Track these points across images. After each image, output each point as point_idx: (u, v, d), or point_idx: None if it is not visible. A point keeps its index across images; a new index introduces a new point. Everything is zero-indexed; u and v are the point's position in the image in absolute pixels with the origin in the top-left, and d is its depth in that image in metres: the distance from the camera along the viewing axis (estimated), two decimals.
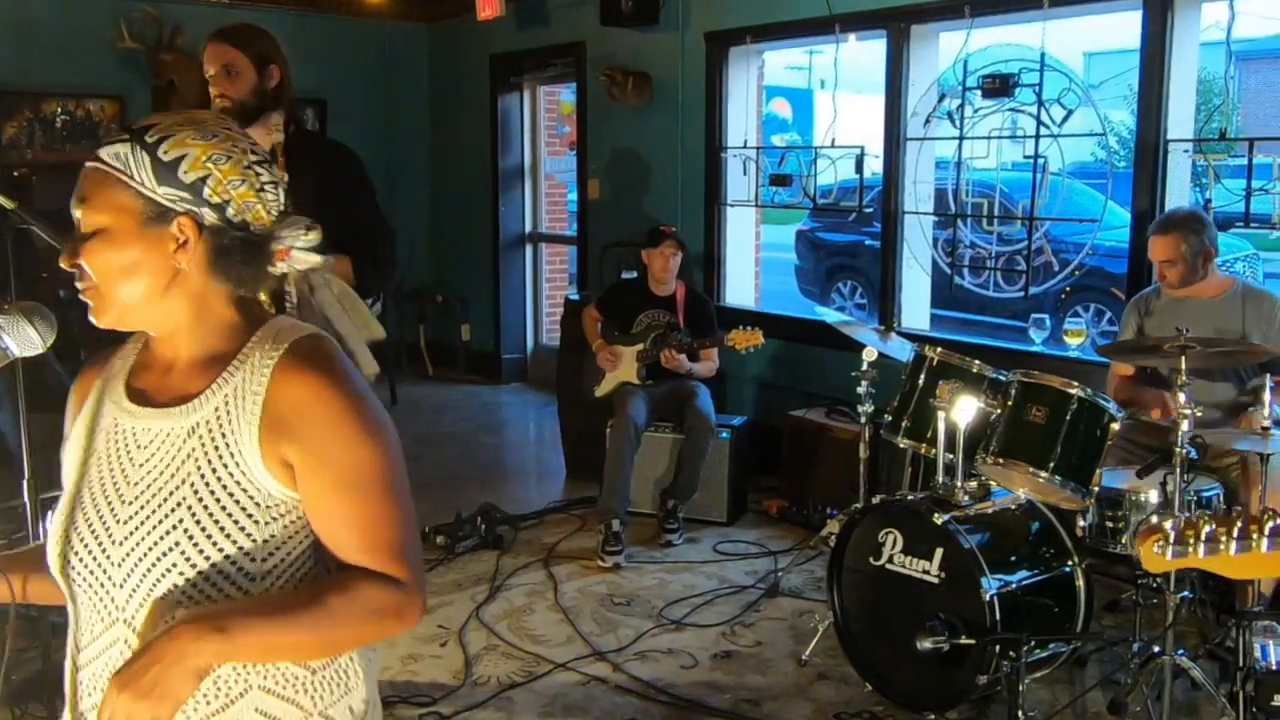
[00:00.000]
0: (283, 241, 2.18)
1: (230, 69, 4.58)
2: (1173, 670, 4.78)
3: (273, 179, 2.18)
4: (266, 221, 2.16)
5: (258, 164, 2.15)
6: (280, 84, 4.69)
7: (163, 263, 2.09)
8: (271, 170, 2.19)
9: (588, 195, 10.83)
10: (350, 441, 2.07)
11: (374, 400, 2.13)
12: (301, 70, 11.90)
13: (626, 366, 7.69)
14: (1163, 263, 5.74)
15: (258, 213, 2.14)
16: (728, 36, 9.08)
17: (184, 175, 2.07)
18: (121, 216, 2.06)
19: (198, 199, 2.08)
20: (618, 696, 5.44)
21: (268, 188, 2.16)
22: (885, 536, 5.26)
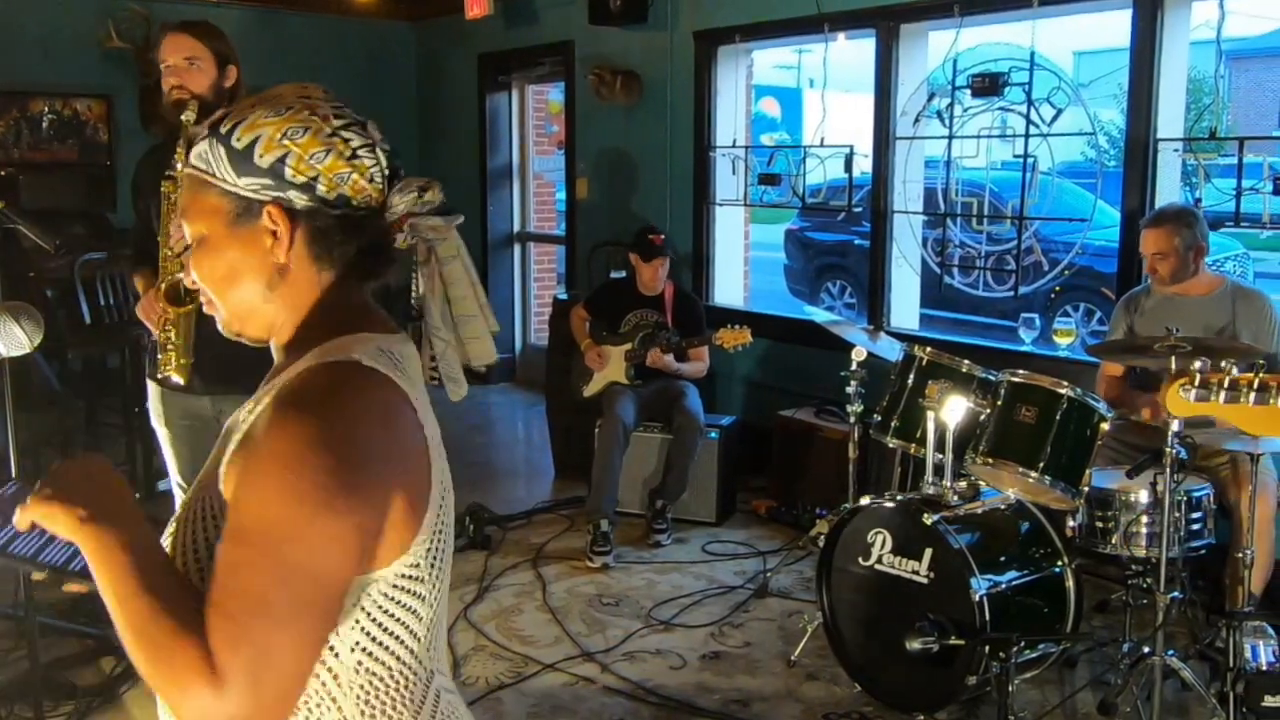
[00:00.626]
0: (395, 210, 1.96)
1: (193, 61, 4.58)
2: (1163, 671, 4.78)
3: (367, 141, 1.93)
4: (370, 191, 1.93)
5: (344, 128, 1.92)
6: (235, 85, 4.70)
7: (263, 260, 1.91)
8: (367, 132, 1.95)
9: (576, 194, 10.80)
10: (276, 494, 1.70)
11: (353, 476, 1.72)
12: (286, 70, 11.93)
13: (615, 366, 7.67)
14: (1154, 255, 5.73)
15: (355, 184, 1.91)
16: (716, 35, 9.07)
17: (260, 160, 1.86)
18: (214, 219, 1.90)
19: (280, 182, 1.87)
20: (606, 697, 5.43)
21: (361, 153, 1.92)
22: (874, 537, 5.25)
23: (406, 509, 1.81)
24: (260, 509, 1.69)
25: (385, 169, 1.95)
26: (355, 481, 1.73)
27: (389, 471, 1.79)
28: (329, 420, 1.75)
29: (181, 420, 4.78)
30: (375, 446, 1.77)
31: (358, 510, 1.73)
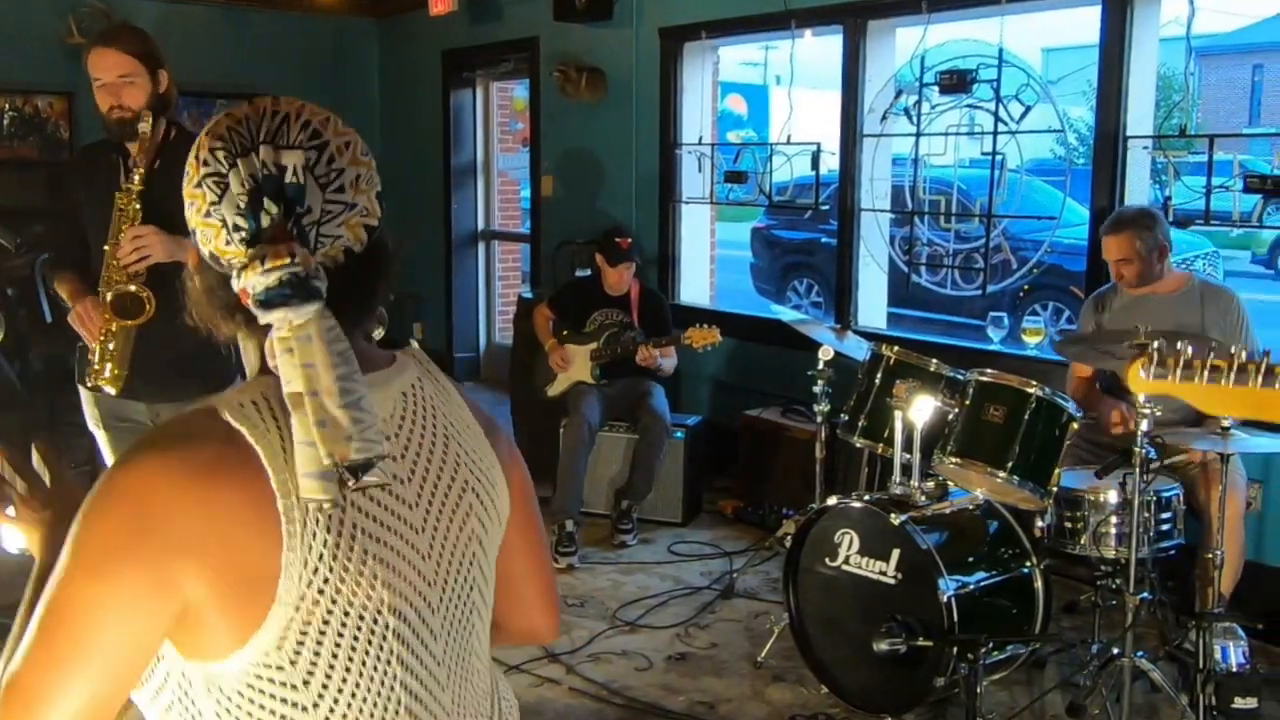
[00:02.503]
0: (236, 283, 1.64)
1: (127, 78, 4.53)
2: (1132, 672, 4.77)
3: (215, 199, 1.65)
4: (232, 254, 1.66)
5: (206, 178, 1.66)
6: (169, 87, 4.66)
7: None
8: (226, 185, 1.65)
9: (541, 192, 10.75)
10: (72, 536, 1.60)
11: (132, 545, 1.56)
12: (249, 67, 11.85)
13: (580, 366, 7.63)
14: (1118, 262, 5.72)
15: (216, 246, 1.67)
16: (682, 32, 9.02)
17: None
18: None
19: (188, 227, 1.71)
20: (571, 699, 5.40)
21: (213, 212, 1.66)
22: (841, 537, 5.23)
23: (223, 596, 1.60)
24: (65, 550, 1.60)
25: (236, 231, 1.64)
26: (124, 550, 1.57)
27: (182, 557, 1.58)
28: (131, 475, 1.62)
29: (120, 423, 4.77)
30: (169, 520, 1.58)
31: (120, 586, 1.56)
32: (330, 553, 1.64)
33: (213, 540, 1.58)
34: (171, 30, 10.07)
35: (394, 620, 1.72)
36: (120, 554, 1.56)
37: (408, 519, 1.76)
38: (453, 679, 1.84)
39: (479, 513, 1.88)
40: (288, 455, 1.61)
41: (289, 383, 1.60)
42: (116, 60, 4.51)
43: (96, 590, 1.55)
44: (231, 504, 1.60)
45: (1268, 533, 5.90)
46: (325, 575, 1.64)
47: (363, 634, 1.68)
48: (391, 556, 1.72)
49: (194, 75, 10.35)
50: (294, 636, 1.63)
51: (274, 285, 1.58)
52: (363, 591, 1.68)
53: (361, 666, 1.69)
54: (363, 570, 1.68)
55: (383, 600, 1.70)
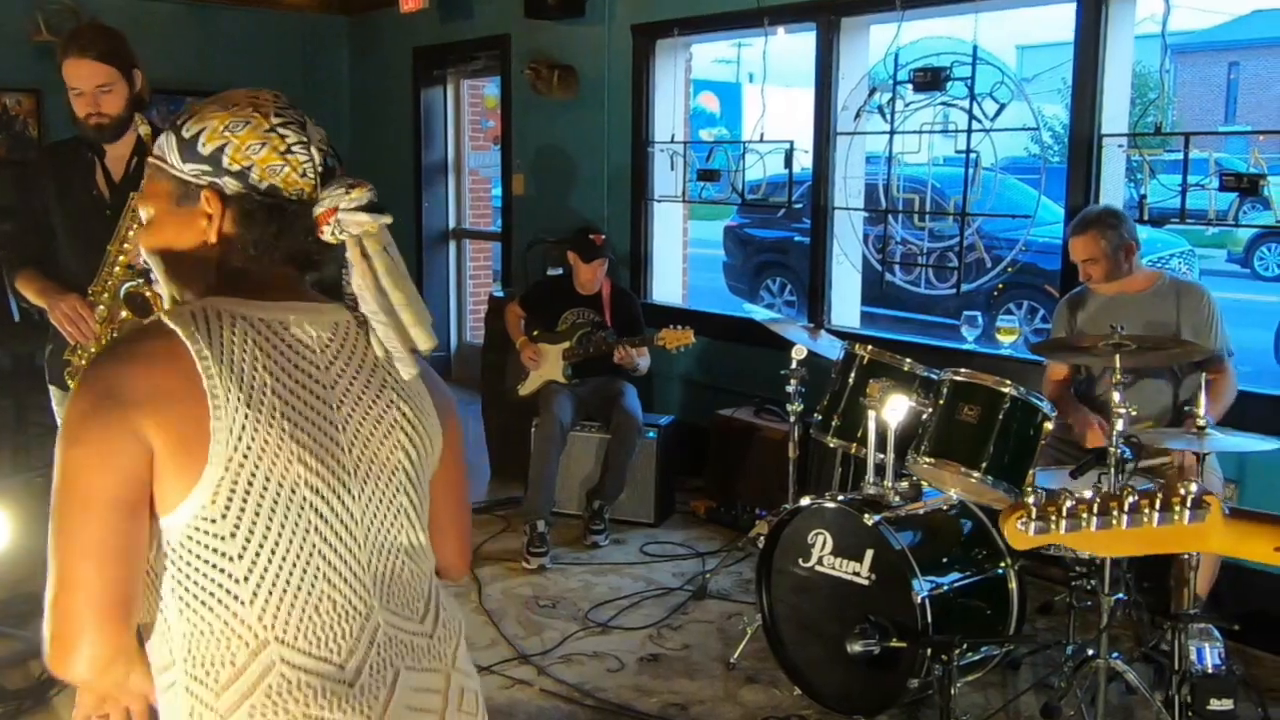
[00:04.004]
0: (323, 204, 2.11)
1: (104, 88, 4.52)
2: (1107, 673, 4.74)
3: (302, 139, 2.11)
4: (302, 185, 2.11)
5: (283, 125, 2.11)
6: (144, 86, 4.66)
7: (198, 241, 2.11)
8: (305, 131, 2.13)
9: (512, 190, 10.72)
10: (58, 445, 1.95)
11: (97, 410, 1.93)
12: (219, 64, 11.77)
13: (552, 365, 7.58)
14: (1085, 262, 5.72)
15: (287, 176, 2.09)
16: (654, 29, 8.99)
17: (203, 148, 2.07)
18: (161, 201, 2.13)
19: (217, 169, 2.07)
20: (543, 701, 5.38)
21: (296, 149, 2.10)
22: (815, 538, 5.21)
23: (171, 451, 1.93)
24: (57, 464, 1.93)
25: (319, 166, 2.12)
26: (96, 414, 1.91)
27: (134, 406, 1.92)
28: (96, 364, 1.99)
29: None
30: (121, 384, 1.93)
31: (100, 439, 1.91)
32: (252, 425, 1.98)
33: (160, 402, 1.93)
34: (141, 28, 9.95)
35: (310, 494, 2.04)
36: (93, 418, 1.91)
37: (328, 416, 2.10)
38: (375, 566, 2.15)
39: (407, 431, 2.22)
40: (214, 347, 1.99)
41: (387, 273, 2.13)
42: (93, 70, 4.50)
43: (81, 452, 1.91)
44: (171, 377, 1.95)
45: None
46: (249, 444, 1.97)
47: (281, 499, 2.01)
48: (308, 441, 2.05)
49: (164, 73, 10.24)
50: (224, 493, 1.96)
51: (371, 198, 2.13)
52: (281, 462, 2.00)
53: (280, 528, 2.01)
54: (281, 444, 2.01)
55: (299, 475, 2.03)
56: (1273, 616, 5.63)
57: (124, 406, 1.91)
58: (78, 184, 4.61)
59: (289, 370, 2.06)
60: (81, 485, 1.90)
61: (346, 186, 2.11)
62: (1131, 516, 1.84)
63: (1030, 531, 1.84)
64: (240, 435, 1.96)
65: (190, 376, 1.95)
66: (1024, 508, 1.84)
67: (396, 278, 2.13)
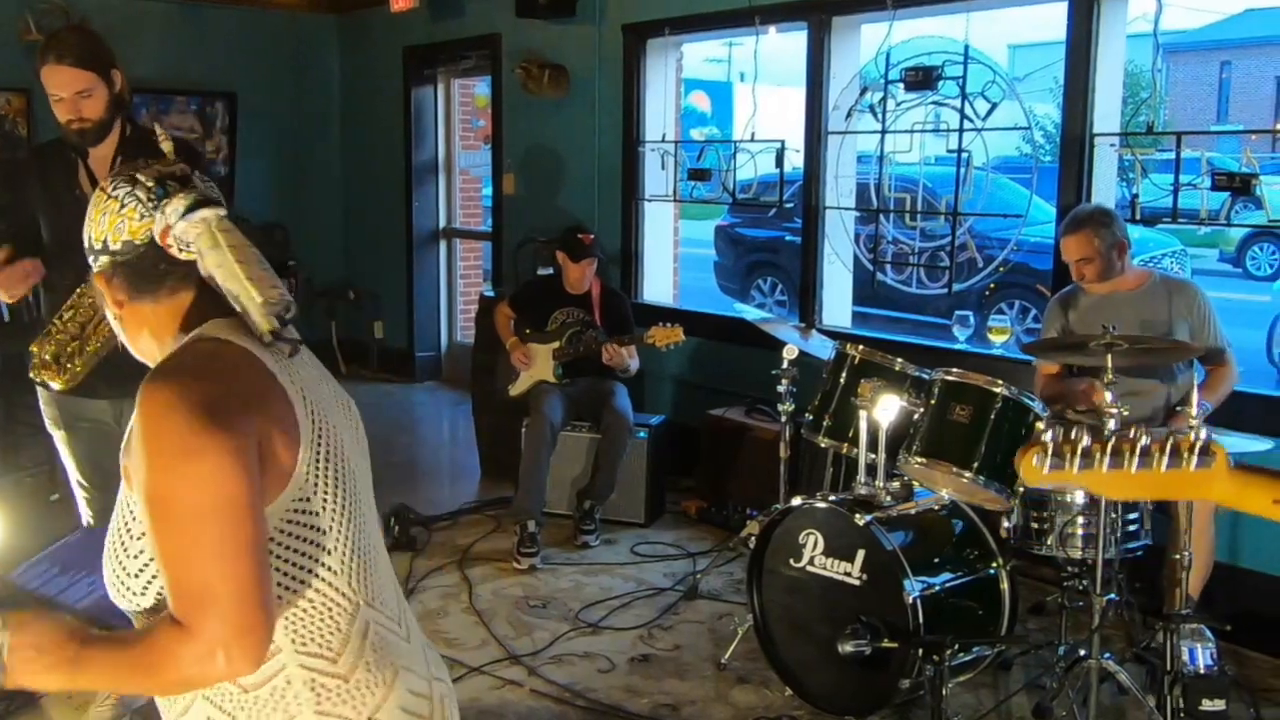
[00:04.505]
0: (156, 229, 2.13)
1: (85, 93, 4.50)
2: (1099, 674, 4.75)
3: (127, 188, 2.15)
4: (144, 226, 2.14)
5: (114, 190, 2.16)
6: (124, 85, 4.65)
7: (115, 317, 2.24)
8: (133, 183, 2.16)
9: (503, 190, 10.71)
10: (154, 463, 1.95)
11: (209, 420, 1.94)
12: (210, 63, 11.76)
13: (542, 365, 7.56)
14: (1079, 261, 5.69)
15: (130, 228, 2.13)
16: (645, 28, 8.98)
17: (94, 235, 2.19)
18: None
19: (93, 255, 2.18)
20: (533, 701, 5.36)
21: (126, 201, 2.14)
22: (806, 538, 5.19)
23: (279, 440, 2.04)
24: (152, 480, 1.93)
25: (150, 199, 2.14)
26: (211, 421, 1.93)
27: (242, 407, 2.00)
28: (180, 381, 1.99)
29: (80, 423, 4.74)
30: (224, 391, 1.99)
31: (222, 442, 1.93)
32: (310, 409, 2.12)
33: (261, 401, 2.04)
34: (130, 27, 9.99)
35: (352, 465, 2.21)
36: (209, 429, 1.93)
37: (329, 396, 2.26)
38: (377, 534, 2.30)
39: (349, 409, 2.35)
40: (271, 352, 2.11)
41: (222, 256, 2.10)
42: (72, 76, 4.48)
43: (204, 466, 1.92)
44: (257, 378, 2.07)
45: (1237, 534, 5.88)
46: (319, 426, 2.13)
47: (344, 471, 2.16)
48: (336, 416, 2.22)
49: (153, 72, 10.28)
50: (312, 474, 2.09)
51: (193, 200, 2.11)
52: (335, 437, 2.17)
53: (346, 498, 2.16)
54: (328, 421, 2.16)
55: (343, 445, 2.19)
56: (1265, 617, 5.63)
57: (237, 410, 1.98)
58: (61, 185, 4.60)
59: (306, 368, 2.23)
60: (216, 495, 1.92)
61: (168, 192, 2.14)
62: (1142, 459, 1.87)
63: (1045, 469, 1.87)
64: (312, 418, 2.11)
65: (266, 375, 2.08)
66: (1041, 444, 1.86)
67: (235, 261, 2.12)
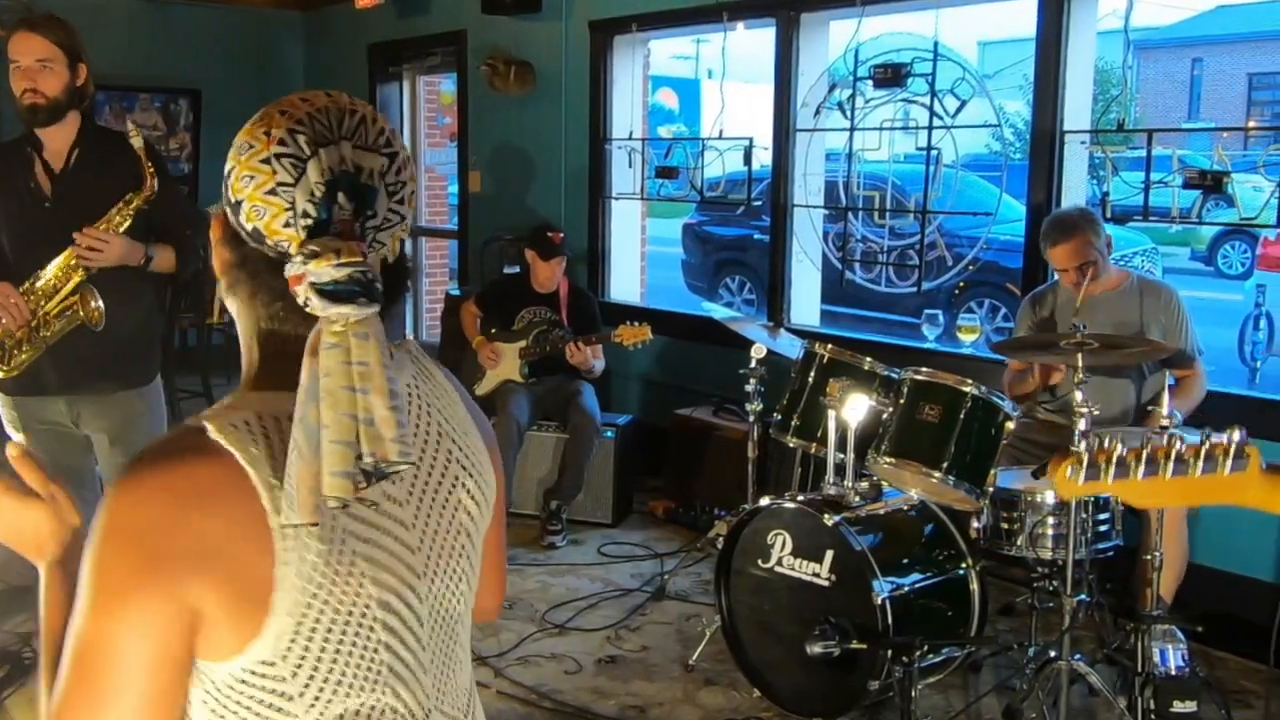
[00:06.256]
0: (292, 268, 1.60)
1: (45, 63, 4.54)
2: (1069, 675, 4.73)
3: (289, 180, 1.63)
4: (284, 237, 1.64)
5: (279, 157, 1.64)
6: (86, 82, 4.68)
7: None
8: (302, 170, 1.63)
9: (469, 188, 10.69)
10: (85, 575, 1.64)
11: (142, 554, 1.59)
12: (174, 61, 11.66)
13: (509, 364, 7.53)
14: (1082, 266, 5.53)
15: (269, 223, 1.64)
16: (612, 25, 8.95)
17: (227, 162, 1.70)
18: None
19: (225, 193, 1.70)
20: (500, 703, 5.33)
21: (280, 190, 1.63)
22: (774, 538, 5.17)
23: (226, 609, 1.62)
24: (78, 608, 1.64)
25: (303, 216, 1.63)
26: (131, 578, 1.60)
27: (184, 571, 1.60)
28: (131, 501, 1.63)
29: (40, 426, 4.72)
30: (165, 539, 1.60)
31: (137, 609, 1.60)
32: (323, 561, 1.66)
33: (212, 557, 1.60)
34: (94, 23, 9.86)
35: (382, 613, 1.74)
36: (133, 584, 1.59)
37: (398, 516, 1.77)
38: (435, 664, 1.87)
39: (468, 506, 1.90)
40: (276, 473, 1.62)
41: (328, 376, 1.57)
42: (36, 44, 4.52)
43: (117, 625, 1.59)
44: (229, 521, 1.61)
45: (1208, 535, 5.86)
46: (319, 583, 1.66)
47: (350, 630, 1.70)
48: (381, 555, 1.74)
49: (117, 68, 10.20)
50: (286, 638, 1.65)
51: (344, 280, 1.58)
52: (352, 592, 1.70)
53: (348, 658, 1.71)
54: (352, 572, 1.69)
55: (371, 596, 1.72)
56: (1236, 618, 5.60)
57: (170, 565, 1.60)
58: (17, 177, 4.61)
59: None
60: (114, 668, 1.60)
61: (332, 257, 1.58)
62: (1178, 466, 1.83)
63: (1080, 480, 1.83)
64: (310, 577, 1.65)
65: (252, 515, 1.62)
66: (1075, 455, 1.83)
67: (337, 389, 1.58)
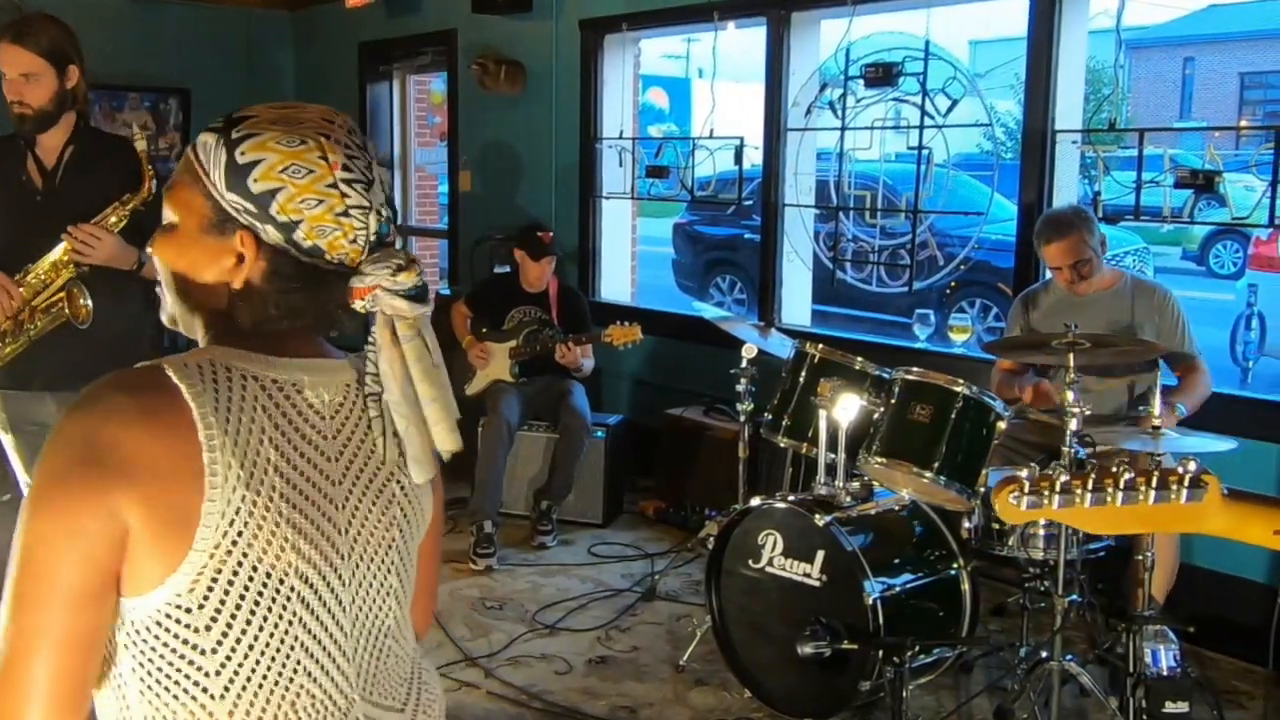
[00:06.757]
0: (365, 279, 1.88)
1: (29, 76, 4.52)
2: (1061, 676, 4.72)
3: (364, 203, 1.86)
4: (349, 251, 1.87)
5: (349, 182, 1.85)
6: (78, 83, 4.66)
7: (220, 276, 1.88)
8: (369, 192, 1.87)
9: (459, 187, 10.66)
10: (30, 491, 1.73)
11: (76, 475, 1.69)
12: (164, 60, 11.62)
13: (499, 364, 7.51)
14: (1076, 264, 5.56)
15: (335, 240, 1.85)
16: (603, 24, 8.93)
17: (254, 184, 1.82)
18: (190, 215, 1.89)
19: (263, 213, 1.82)
20: (490, 704, 5.32)
21: (354, 213, 1.85)
22: (765, 539, 5.16)
23: (151, 533, 1.72)
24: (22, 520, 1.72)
25: (371, 234, 1.89)
26: (68, 480, 1.70)
27: (119, 481, 1.70)
28: (81, 415, 1.74)
29: (28, 426, 4.69)
30: (107, 447, 1.70)
31: (69, 513, 1.69)
32: (247, 509, 1.76)
33: (147, 474, 1.70)
34: (82, 22, 9.75)
35: (299, 584, 1.83)
36: (69, 484, 1.69)
37: (328, 494, 1.89)
38: (360, 655, 1.94)
39: (403, 505, 2.03)
40: (220, 414, 1.76)
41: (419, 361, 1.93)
42: (20, 57, 4.50)
43: (46, 526, 1.69)
44: (166, 446, 1.72)
45: (1200, 535, 5.83)
46: (240, 529, 1.75)
47: (267, 591, 1.79)
48: (305, 524, 1.84)
49: (105, 68, 10.14)
50: (204, 582, 1.74)
51: (421, 286, 1.90)
52: (273, 551, 1.79)
53: (262, 622, 1.79)
54: (274, 531, 1.79)
55: (290, 564, 1.81)
56: (1228, 618, 5.60)
57: (104, 475, 1.69)
58: (9, 171, 4.61)
59: (295, 442, 1.86)
60: (42, 566, 1.69)
61: (395, 266, 1.88)
62: (1127, 494, 1.81)
63: (1023, 506, 1.81)
64: (233, 520, 1.75)
65: (188, 447, 1.74)
66: (1017, 481, 1.81)
67: (427, 367, 1.93)
